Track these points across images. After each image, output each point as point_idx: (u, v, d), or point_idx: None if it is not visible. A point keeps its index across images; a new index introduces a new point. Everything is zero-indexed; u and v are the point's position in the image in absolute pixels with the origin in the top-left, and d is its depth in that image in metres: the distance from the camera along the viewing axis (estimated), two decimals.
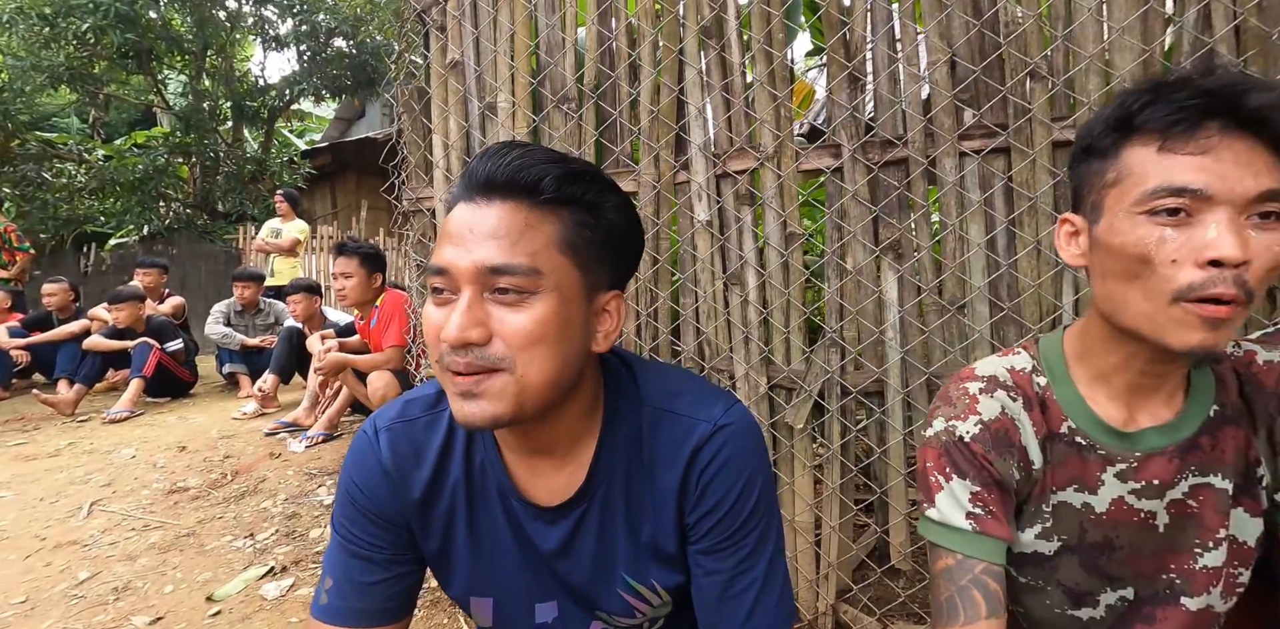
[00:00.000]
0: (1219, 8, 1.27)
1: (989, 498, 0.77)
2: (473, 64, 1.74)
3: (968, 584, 0.75)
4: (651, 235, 1.63)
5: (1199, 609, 0.77)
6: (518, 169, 0.65)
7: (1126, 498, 0.77)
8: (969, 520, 0.76)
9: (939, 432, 0.81)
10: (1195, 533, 0.77)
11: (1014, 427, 0.79)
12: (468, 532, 0.84)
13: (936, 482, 0.79)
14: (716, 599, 0.78)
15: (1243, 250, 0.61)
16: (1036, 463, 0.79)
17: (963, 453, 0.78)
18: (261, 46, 9.11)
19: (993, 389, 0.80)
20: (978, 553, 0.76)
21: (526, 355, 0.65)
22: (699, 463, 0.77)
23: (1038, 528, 0.81)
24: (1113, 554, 0.79)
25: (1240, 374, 0.77)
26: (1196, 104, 0.63)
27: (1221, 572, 0.76)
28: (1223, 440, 0.76)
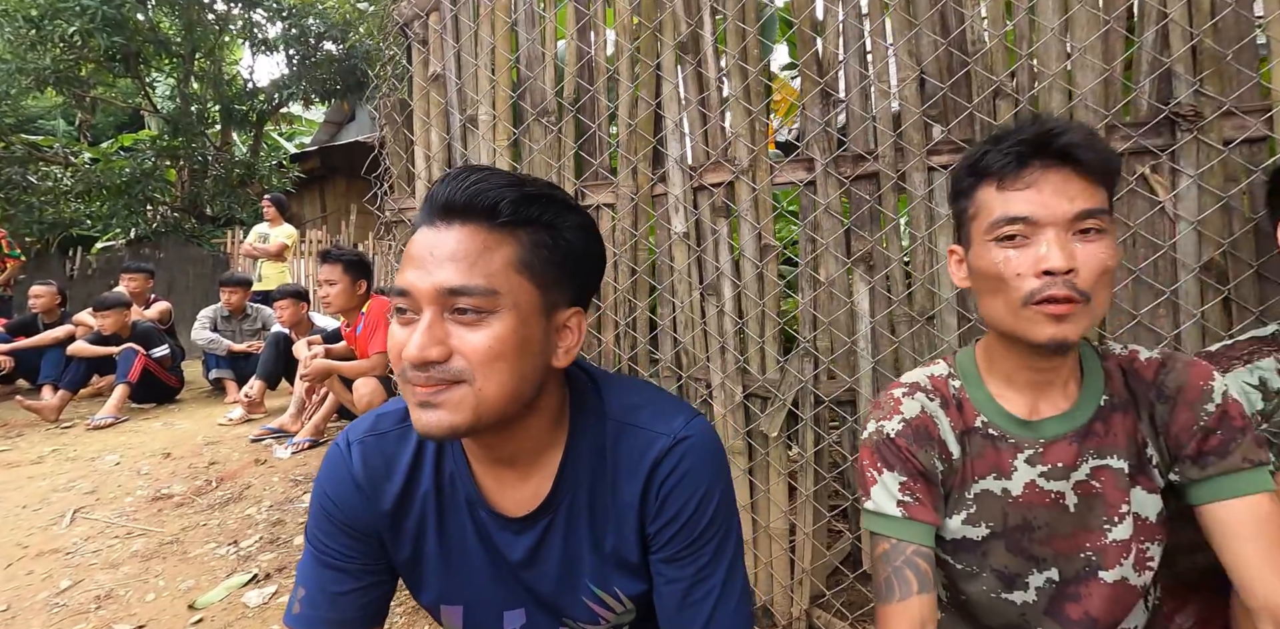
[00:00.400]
0: (1176, 29, 1.32)
1: (915, 487, 0.89)
2: (454, 77, 1.76)
3: (901, 564, 0.86)
4: (629, 246, 1.65)
5: (1115, 581, 0.86)
6: (475, 193, 0.67)
7: (1037, 480, 0.88)
8: (899, 508, 0.88)
9: (871, 432, 0.93)
10: (1102, 510, 0.87)
11: (933, 423, 0.91)
12: (438, 541, 0.86)
13: (871, 476, 0.91)
14: (677, 606, 0.81)
15: (1068, 261, 0.76)
16: (955, 454, 0.91)
17: (890, 448, 0.90)
18: (250, 50, 9.09)
19: (914, 392, 0.93)
20: (908, 536, 0.87)
21: (485, 370, 0.67)
22: (659, 475, 0.80)
23: (963, 514, 0.91)
24: (1033, 534, 0.89)
25: (1124, 369, 0.90)
26: (1018, 150, 0.79)
27: (1130, 545, 0.86)
28: (1114, 425, 0.88)
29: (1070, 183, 0.78)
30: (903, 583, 0.85)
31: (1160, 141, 1.33)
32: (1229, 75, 1.29)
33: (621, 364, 1.68)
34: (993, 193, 0.82)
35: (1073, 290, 0.77)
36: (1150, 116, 1.33)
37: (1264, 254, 1.27)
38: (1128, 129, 1.34)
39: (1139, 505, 0.87)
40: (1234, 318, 1.30)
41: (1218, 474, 0.81)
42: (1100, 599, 0.87)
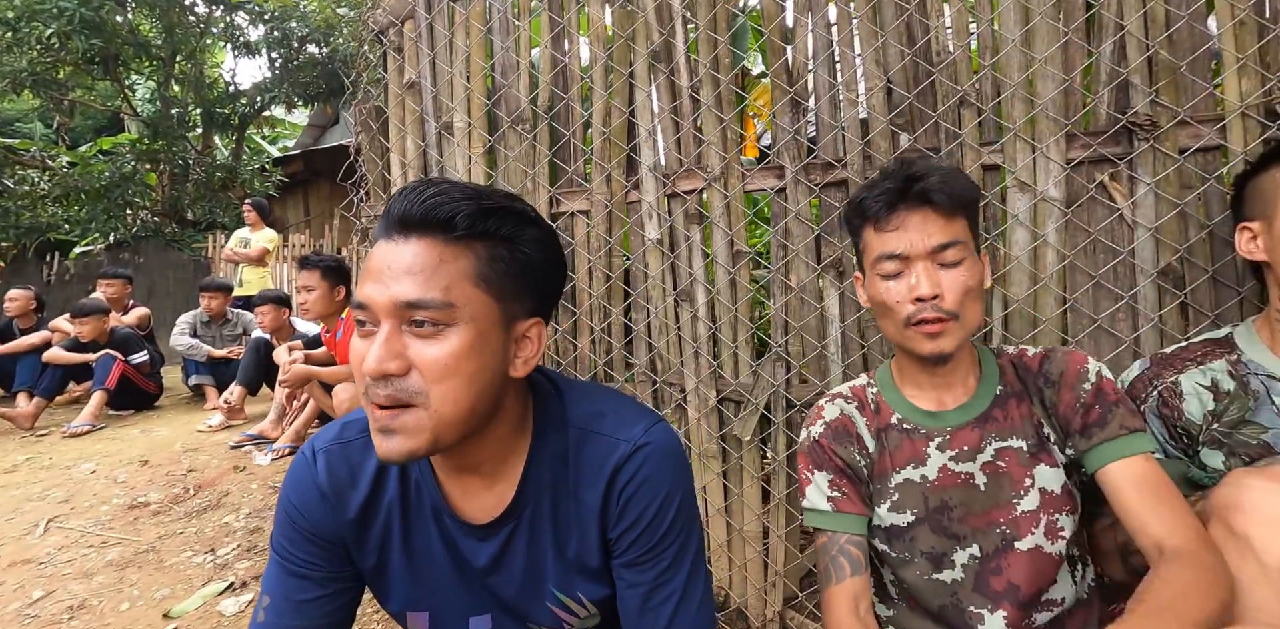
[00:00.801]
0: (1133, 41, 1.35)
1: (841, 483, 1.04)
2: (429, 85, 1.77)
3: (836, 553, 1.01)
4: (604, 253, 1.67)
5: (1030, 549, 0.97)
6: (432, 206, 0.68)
7: (948, 464, 1.01)
8: (829, 503, 1.03)
9: (803, 440, 1.10)
10: (1009, 487, 0.99)
11: (850, 423, 1.08)
12: (403, 549, 0.87)
13: (806, 478, 1.07)
14: (638, 610, 0.82)
15: (933, 288, 0.92)
16: (872, 449, 1.06)
17: (817, 450, 1.06)
18: (232, 53, 9.02)
19: (834, 400, 1.11)
20: (840, 527, 1.02)
21: (441, 388, 0.68)
22: (619, 481, 0.81)
23: (887, 503, 1.03)
24: (951, 514, 1.00)
25: (1015, 364, 1.05)
26: (886, 198, 0.95)
27: (1038, 515, 0.98)
28: (1010, 411, 1.02)
29: (929, 221, 0.94)
30: (838, 568, 0.99)
31: (1118, 150, 1.36)
32: (1184, 86, 1.33)
33: (597, 369, 1.69)
34: (872, 233, 0.98)
35: (940, 312, 0.93)
36: (1108, 125, 1.36)
37: (1218, 259, 1.30)
38: (1087, 137, 1.37)
39: (1043, 480, 0.99)
40: (1190, 321, 1.33)
41: (1100, 442, 0.94)
42: (1020, 569, 0.97)
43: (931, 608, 1.01)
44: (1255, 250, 1.05)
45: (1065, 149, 1.38)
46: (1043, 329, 1.39)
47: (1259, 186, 1.05)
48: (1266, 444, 1.02)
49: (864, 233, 1.01)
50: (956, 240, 0.93)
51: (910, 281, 0.94)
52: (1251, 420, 1.04)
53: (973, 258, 0.96)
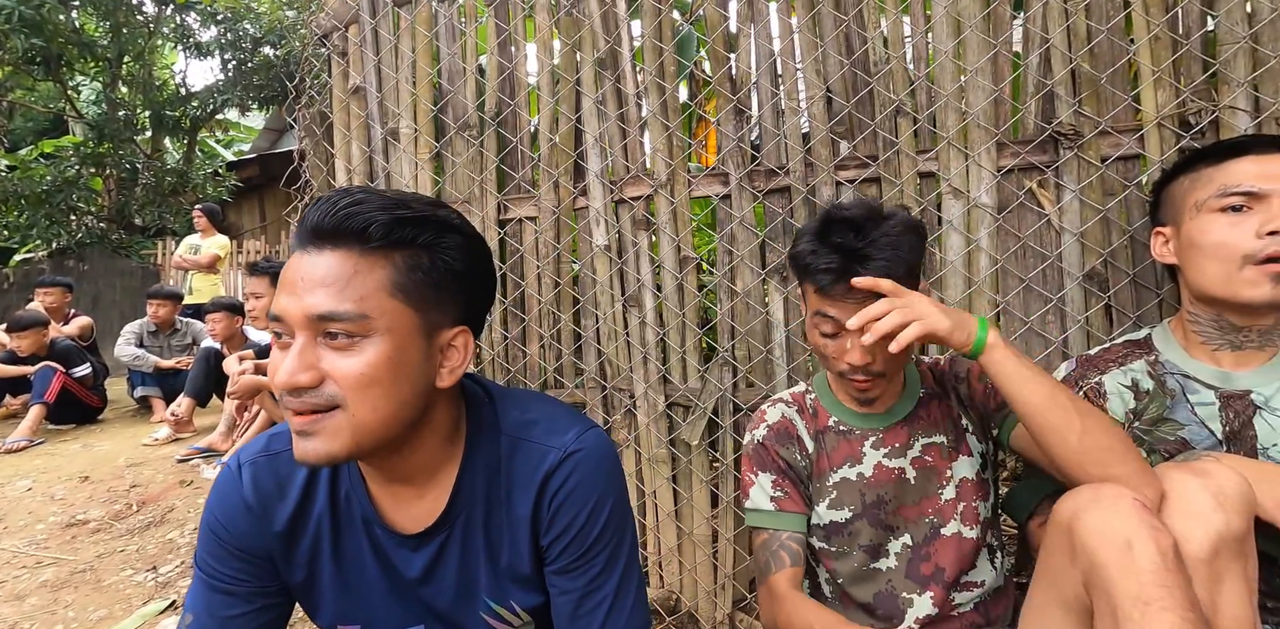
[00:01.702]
0: (1057, 53, 1.41)
1: (783, 483, 1.11)
2: (374, 90, 1.75)
3: (777, 548, 1.06)
4: (552, 259, 1.67)
5: (953, 534, 1.08)
6: (345, 217, 0.67)
7: (882, 461, 1.10)
8: (772, 503, 1.10)
9: (747, 443, 1.17)
10: (935, 479, 1.10)
11: (792, 425, 1.15)
12: (333, 561, 0.86)
13: (749, 480, 1.14)
14: (570, 617, 0.82)
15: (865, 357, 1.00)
16: (811, 449, 1.14)
17: (760, 451, 1.13)
18: (183, 54, 8.77)
19: (775, 404, 1.19)
20: (782, 525, 1.08)
21: (359, 396, 0.68)
22: (550, 489, 0.81)
23: (826, 501, 1.11)
24: (886, 507, 1.09)
25: (932, 370, 1.18)
26: (829, 275, 0.98)
27: (957, 503, 1.08)
28: (933, 410, 1.13)
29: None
30: (778, 561, 1.06)
31: (1045, 158, 1.41)
32: (1105, 97, 1.39)
33: (546, 376, 1.69)
34: (811, 291, 1.04)
35: (871, 375, 1.03)
36: (1035, 135, 1.41)
37: (1139, 263, 1.36)
38: (1016, 146, 1.42)
39: (960, 471, 1.10)
40: (1114, 322, 1.38)
41: (1005, 416, 1.08)
42: (945, 553, 1.07)
43: (865, 599, 1.08)
44: (1167, 254, 1.10)
45: (996, 157, 1.43)
46: None
47: (1171, 194, 1.10)
48: (1183, 440, 1.07)
49: (805, 285, 1.05)
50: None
51: (845, 345, 1.01)
52: (1169, 418, 1.08)
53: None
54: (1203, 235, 1.01)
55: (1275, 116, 1.30)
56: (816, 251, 0.99)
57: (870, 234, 0.97)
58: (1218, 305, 1.03)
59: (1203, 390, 1.06)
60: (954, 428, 1.13)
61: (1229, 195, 0.98)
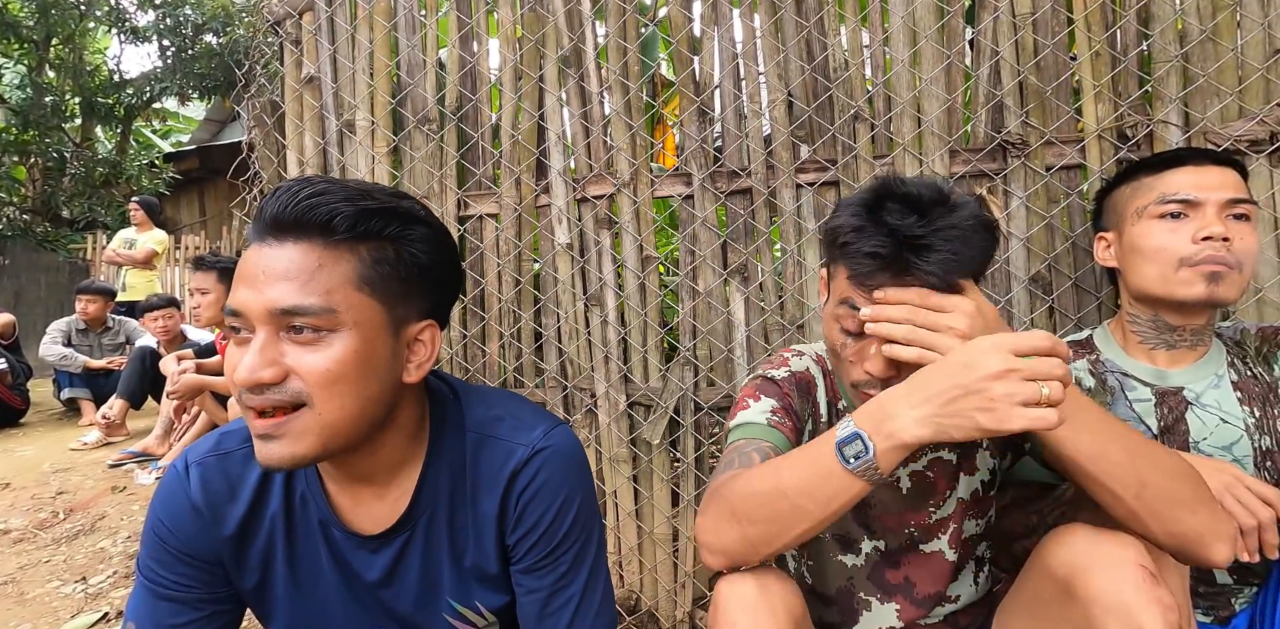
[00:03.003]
0: (1006, 66, 1.47)
1: (786, 415, 0.93)
2: (329, 80, 1.70)
3: (751, 451, 0.87)
4: (513, 257, 1.65)
5: (931, 553, 0.99)
6: (308, 208, 0.65)
7: None
8: (766, 420, 0.91)
9: (755, 376, 0.99)
10: (931, 496, 0.98)
11: (814, 382, 1.00)
12: (287, 565, 0.83)
13: (745, 403, 0.95)
14: (536, 616, 0.81)
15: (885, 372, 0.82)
16: (825, 419, 0.99)
17: (771, 384, 0.96)
18: (118, 39, 8.34)
19: (801, 355, 1.02)
20: (767, 437, 0.89)
21: (326, 393, 0.66)
22: (517, 486, 0.80)
23: None
24: (870, 510, 0.99)
25: None
26: (874, 261, 0.79)
27: (948, 523, 0.99)
28: None
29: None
30: (747, 460, 0.85)
31: (994, 166, 1.47)
32: (1049, 109, 1.45)
33: (506, 375, 1.67)
34: (844, 278, 0.85)
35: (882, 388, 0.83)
36: (985, 143, 1.47)
37: (1080, 267, 1.43)
38: (967, 153, 1.47)
39: (963, 489, 0.99)
40: (1058, 324, 1.45)
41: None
42: (917, 568, 0.99)
43: (829, 591, 1.03)
44: (1109, 258, 1.17)
45: (949, 164, 1.48)
46: None
47: (1113, 202, 1.17)
48: None
49: (836, 267, 0.88)
50: None
51: (869, 350, 0.84)
52: None
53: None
54: (1143, 239, 1.07)
55: (1203, 131, 1.38)
56: (863, 228, 0.81)
57: (935, 220, 0.78)
58: (1156, 305, 1.09)
59: (1140, 387, 1.12)
60: (963, 444, 0.97)
61: (1168, 203, 1.05)
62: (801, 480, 0.74)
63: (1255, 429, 1.06)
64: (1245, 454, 1.06)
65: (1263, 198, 1.36)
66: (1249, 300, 1.36)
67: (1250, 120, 1.36)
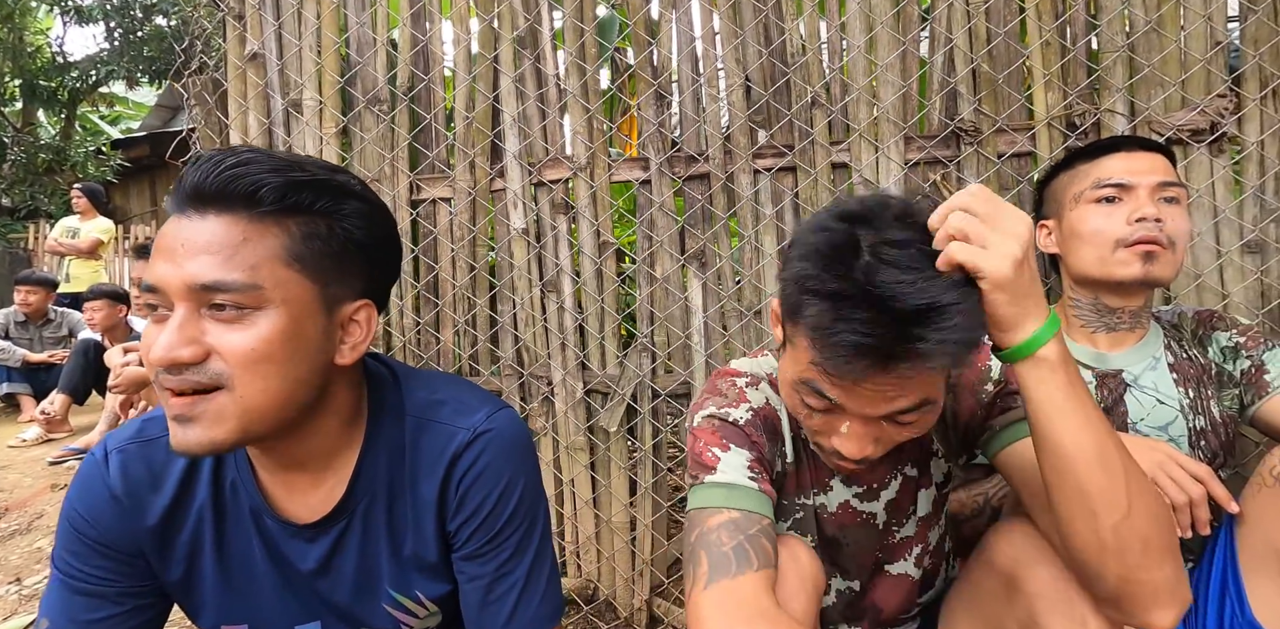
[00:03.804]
0: (960, 53, 1.48)
1: (762, 468, 0.80)
2: (274, 57, 1.64)
3: (757, 533, 0.73)
4: (468, 242, 1.61)
5: (898, 574, 0.94)
6: (230, 179, 0.62)
7: (851, 501, 0.90)
8: (753, 481, 0.78)
9: (710, 415, 0.84)
10: (897, 517, 0.93)
11: (777, 417, 0.88)
12: (216, 557, 0.79)
13: (714, 455, 0.80)
14: (479, 604, 0.79)
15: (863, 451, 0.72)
16: (790, 457, 0.88)
17: (737, 431, 0.82)
18: (61, 20, 7.96)
19: (757, 383, 0.89)
20: (761, 509, 0.76)
21: (249, 375, 0.62)
22: (457, 471, 0.78)
23: (789, 521, 0.90)
24: (843, 550, 0.92)
25: None
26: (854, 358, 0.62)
27: (913, 544, 0.94)
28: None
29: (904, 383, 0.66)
30: (760, 553, 0.72)
31: (948, 153, 1.48)
32: (1001, 97, 1.47)
33: (461, 363, 1.63)
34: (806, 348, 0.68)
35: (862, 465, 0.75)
36: (940, 130, 1.48)
37: None
38: (922, 140, 1.48)
39: (922, 504, 0.93)
40: None
41: (1000, 428, 0.82)
42: (884, 590, 0.95)
43: None
44: (1051, 244, 1.19)
45: (904, 150, 1.49)
46: None
47: (1053, 189, 1.19)
48: None
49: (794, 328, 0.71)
50: (927, 401, 0.69)
51: (840, 428, 0.73)
52: None
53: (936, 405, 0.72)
54: (1081, 223, 1.09)
55: (1148, 120, 1.41)
56: (840, 312, 0.62)
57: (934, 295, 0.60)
58: (1095, 288, 1.11)
59: (1081, 370, 1.14)
60: (921, 453, 0.91)
61: (1103, 187, 1.08)
62: None
63: (1189, 410, 1.09)
64: (1180, 434, 1.08)
65: (1202, 186, 1.40)
66: (1189, 286, 1.40)
67: (1191, 110, 1.40)
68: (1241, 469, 1.28)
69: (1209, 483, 0.93)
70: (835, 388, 0.69)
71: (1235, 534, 0.99)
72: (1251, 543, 0.96)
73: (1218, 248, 1.40)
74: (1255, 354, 1.09)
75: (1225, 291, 1.39)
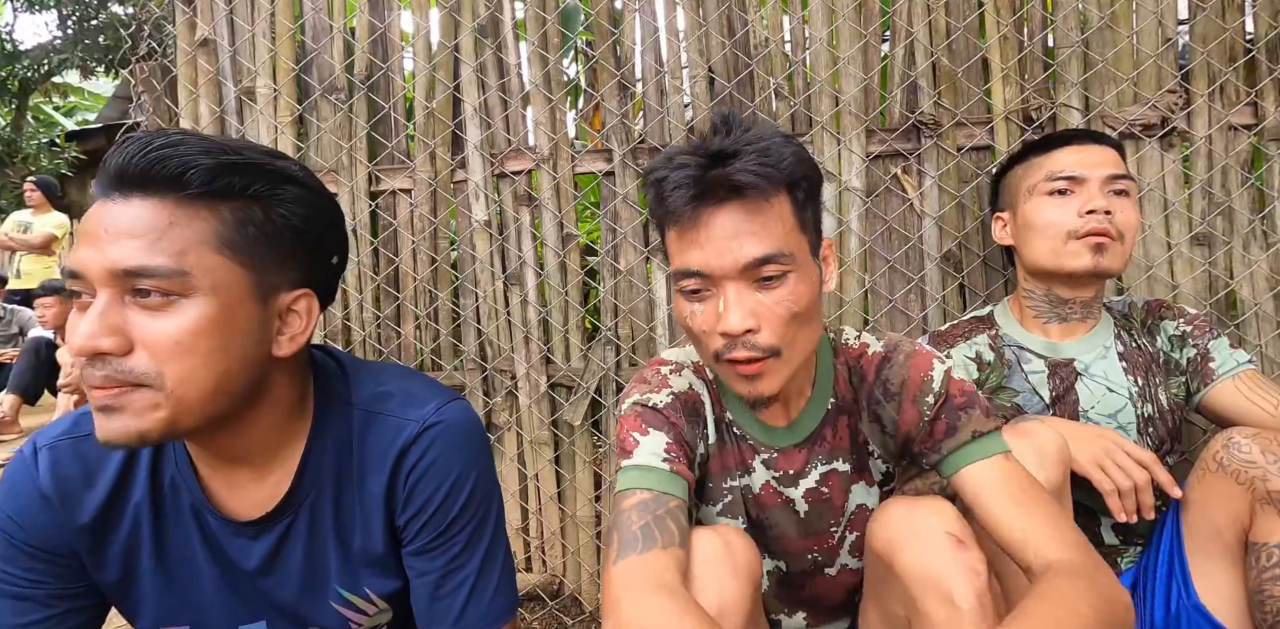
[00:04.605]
0: (920, 47, 1.49)
1: (679, 450, 0.83)
2: (226, 43, 1.59)
3: (664, 515, 0.76)
4: (428, 234, 1.58)
5: (836, 573, 0.95)
6: (156, 161, 0.59)
7: (772, 483, 0.91)
8: (665, 463, 0.80)
9: (635, 402, 0.87)
10: (829, 515, 0.92)
11: (700, 401, 0.90)
12: (155, 556, 0.77)
13: (634, 439, 0.83)
14: (429, 600, 0.78)
15: (742, 321, 0.73)
16: (712, 439, 0.90)
17: (657, 415, 0.85)
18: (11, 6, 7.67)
19: (680, 370, 0.91)
20: (672, 490, 0.79)
21: (176, 367, 0.60)
22: (406, 464, 0.76)
23: (719, 505, 0.92)
24: (768, 532, 0.93)
25: (850, 367, 0.90)
26: (685, 189, 0.72)
27: (849, 535, 0.93)
28: (839, 429, 0.90)
29: (740, 225, 0.72)
30: (665, 532, 0.74)
31: (909, 146, 1.49)
32: (961, 90, 1.48)
33: (423, 357, 1.61)
34: (674, 237, 0.77)
35: (755, 349, 0.74)
36: (900, 123, 1.49)
37: (988, 246, 1.47)
38: (883, 133, 1.49)
39: (859, 497, 0.92)
40: (967, 301, 1.49)
41: (951, 451, 0.82)
42: (825, 586, 0.96)
43: None
44: (1005, 236, 1.21)
45: (865, 143, 1.49)
46: (846, 310, 1.50)
47: (1007, 182, 1.21)
48: (1018, 406, 1.16)
49: (666, 234, 0.79)
50: (777, 253, 0.72)
51: (717, 309, 0.74)
52: (1006, 386, 1.18)
53: (803, 269, 0.75)
54: (1035, 215, 1.11)
55: (1101, 115, 1.44)
56: (668, 166, 0.75)
57: (736, 134, 0.74)
58: (1048, 279, 1.13)
59: (1035, 360, 1.16)
60: (858, 450, 0.90)
61: (1055, 180, 1.09)
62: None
63: (1138, 397, 1.11)
64: (1129, 421, 1.11)
65: (1153, 180, 1.43)
66: (1140, 278, 1.43)
67: (1143, 105, 1.42)
68: (1189, 455, 1.32)
69: (1153, 469, 0.95)
70: (690, 247, 0.74)
71: (1181, 519, 1.01)
72: (1196, 527, 0.99)
73: (1168, 240, 1.43)
74: (1201, 343, 1.12)
75: (1175, 283, 1.42)
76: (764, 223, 0.73)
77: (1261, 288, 1.41)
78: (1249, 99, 1.41)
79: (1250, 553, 0.93)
